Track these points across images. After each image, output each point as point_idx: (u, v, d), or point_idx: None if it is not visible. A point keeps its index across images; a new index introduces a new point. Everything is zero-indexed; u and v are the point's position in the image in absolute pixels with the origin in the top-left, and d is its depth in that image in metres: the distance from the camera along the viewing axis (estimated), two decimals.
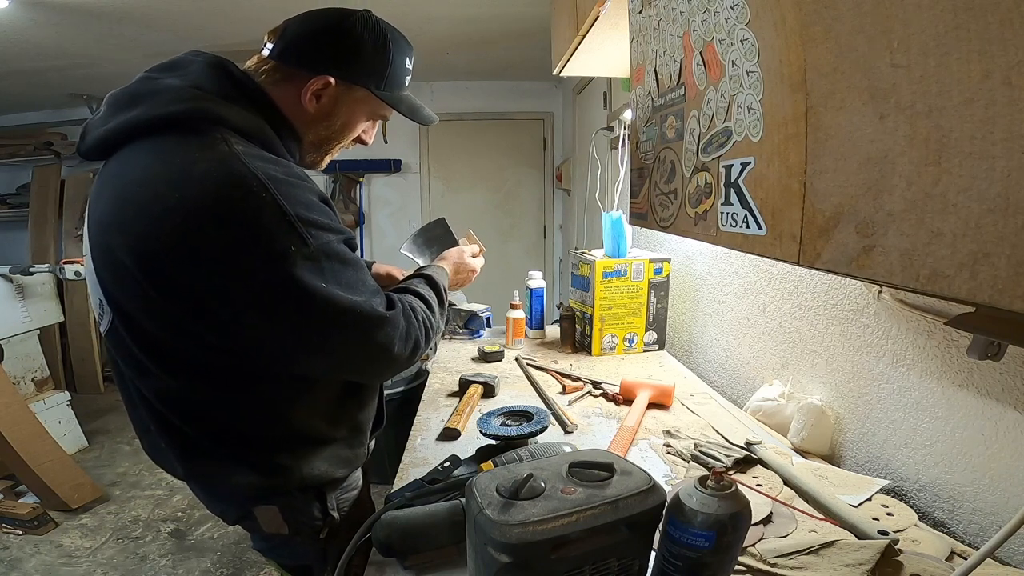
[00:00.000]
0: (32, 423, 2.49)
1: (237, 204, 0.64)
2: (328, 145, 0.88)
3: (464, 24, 2.77)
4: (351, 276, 0.73)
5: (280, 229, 0.65)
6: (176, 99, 0.70)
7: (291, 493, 0.83)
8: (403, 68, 0.86)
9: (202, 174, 0.65)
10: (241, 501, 0.84)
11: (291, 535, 0.85)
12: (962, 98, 0.36)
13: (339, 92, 0.81)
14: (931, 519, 0.83)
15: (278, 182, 0.67)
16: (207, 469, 0.80)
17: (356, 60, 0.80)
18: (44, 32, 2.54)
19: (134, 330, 0.72)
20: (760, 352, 1.32)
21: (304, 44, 0.79)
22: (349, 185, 4.23)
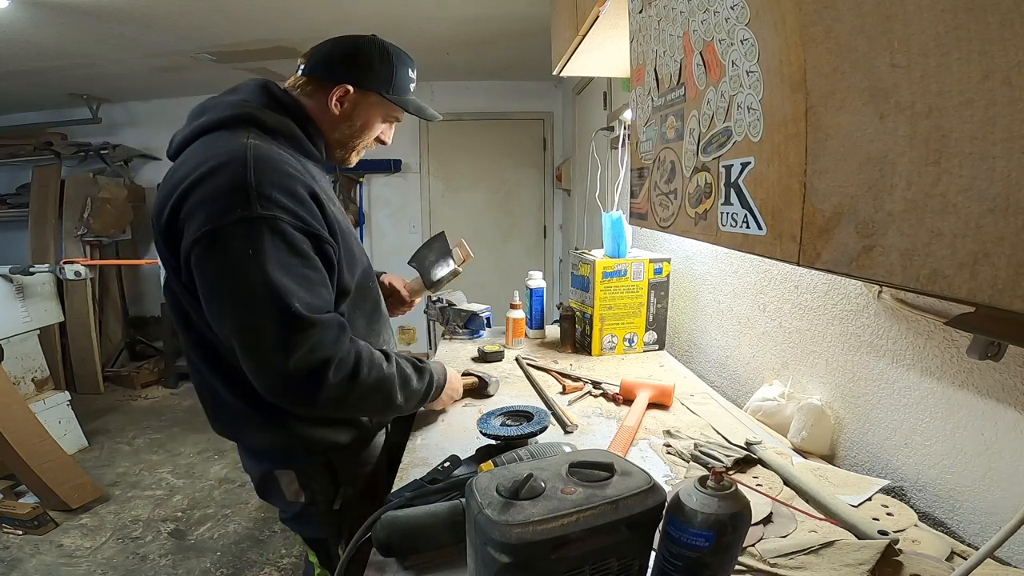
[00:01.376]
0: (32, 423, 2.49)
1: (218, 171, 0.80)
2: (352, 143, 1.05)
3: (464, 24, 2.77)
4: (291, 262, 0.80)
5: (235, 193, 0.79)
6: (228, 108, 0.92)
7: (304, 458, 0.96)
8: (406, 76, 1.04)
9: (214, 153, 0.83)
10: (265, 460, 0.98)
11: (308, 503, 0.97)
12: (962, 98, 0.36)
13: (356, 97, 1.00)
14: (931, 519, 0.83)
15: (263, 163, 0.81)
16: (230, 421, 0.96)
17: (367, 71, 0.99)
18: (44, 32, 2.54)
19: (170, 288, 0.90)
20: (760, 352, 1.32)
21: (326, 61, 1.00)
22: (349, 185, 4.23)
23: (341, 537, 0.99)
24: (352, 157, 1.08)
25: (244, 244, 0.77)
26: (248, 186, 0.78)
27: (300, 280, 0.81)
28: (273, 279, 0.78)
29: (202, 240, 0.78)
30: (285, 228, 0.80)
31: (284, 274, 0.79)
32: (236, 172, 0.79)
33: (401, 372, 0.95)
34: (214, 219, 0.78)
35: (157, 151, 4.26)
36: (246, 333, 0.80)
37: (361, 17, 2.59)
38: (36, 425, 2.50)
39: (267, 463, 0.98)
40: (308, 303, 0.81)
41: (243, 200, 0.78)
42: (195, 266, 0.81)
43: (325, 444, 0.95)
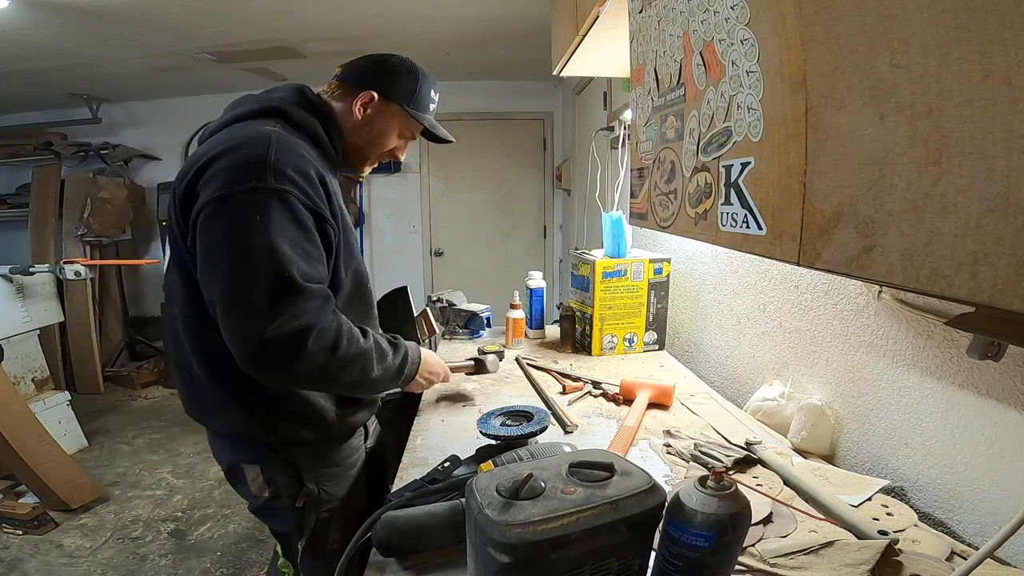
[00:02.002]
0: (32, 423, 2.49)
1: (241, 147, 0.86)
2: (367, 150, 1.09)
3: (464, 24, 2.77)
4: (294, 234, 0.83)
5: (254, 166, 0.83)
6: (260, 102, 0.98)
7: (268, 453, 0.98)
8: (428, 96, 1.10)
9: (240, 135, 0.89)
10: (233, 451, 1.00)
11: (271, 498, 0.99)
12: (962, 98, 0.36)
13: (379, 105, 1.05)
14: (931, 519, 0.83)
15: (284, 143, 0.87)
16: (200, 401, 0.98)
17: (393, 82, 1.06)
18: (44, 32, 2.54)
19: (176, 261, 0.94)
20: (760, 352, 1.32)
21: (358, 70, 1.07)
22: (349, 185, 4.23)
23: (303, 534, 1.01)
24: (366, 167, 1.13)
25: (252, 210, 0.81)
26: (267, 161, 0.83)
27: (300, 252, 0.83)
28: (275, 245, 0.80)
29: (213, 202, 0.82)
30: (294, 202, 0.84)
31: (286, 243, 0.82)
32: (258, 148, 0.85)
33: (378, 346, 0.95)
34: (228, 186, 0.82)
35: (157, 151, 4.27)
36: (235, 292, 0.81)
37: (361, 17, 2.59)
38: (36, 425, 2.50)
39: (235, 456, 1.00)
40: (304, 272, 0.83)
41: (260, 172, 0.82)
42: (200, 227, 0.84)
43: (289, 438, 0.97)
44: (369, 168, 1.14)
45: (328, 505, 1.02)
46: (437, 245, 4.46)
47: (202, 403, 0.99)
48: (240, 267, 0.81)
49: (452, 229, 4.46)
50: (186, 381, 0.98)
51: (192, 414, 1.02)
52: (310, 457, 1.00)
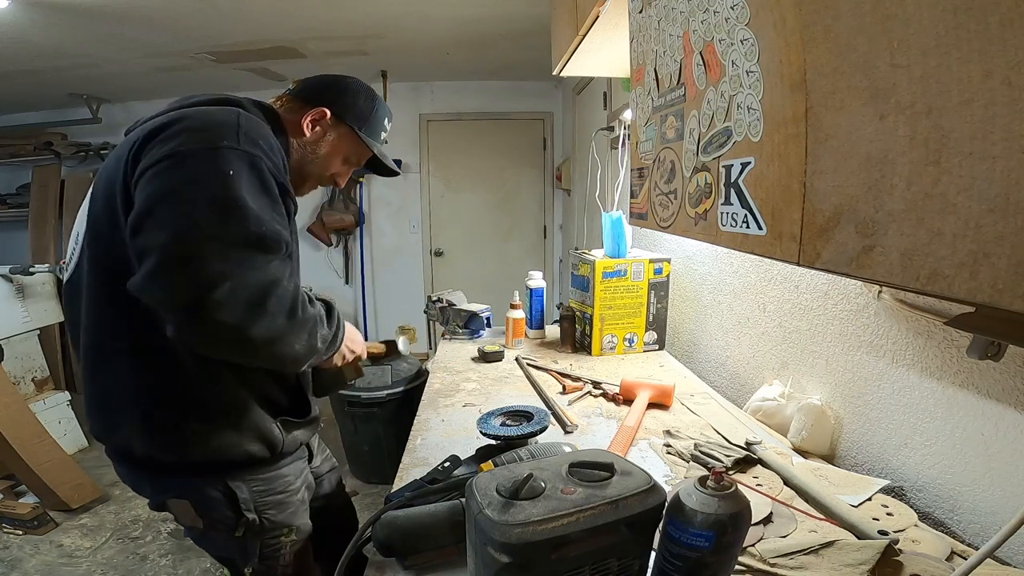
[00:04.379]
0: (32, 423, 2.49)
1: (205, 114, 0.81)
2: (308, 169, 1.03)
3: (464, 24, 2.77)
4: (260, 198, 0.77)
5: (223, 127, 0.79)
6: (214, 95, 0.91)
7: (196, 485, 0.88)
8: (381, 123, 1.07)
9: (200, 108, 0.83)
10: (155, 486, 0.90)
11: (207, 528, 0.91)
12: (962, 98, 0.36)
13: (329, 124, 1.01)
14: (931, 519, 0.83)
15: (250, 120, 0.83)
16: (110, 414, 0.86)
17: (348, 102, 1.02)
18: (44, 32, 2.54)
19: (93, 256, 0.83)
20: (760, 352, 1.32)
21: (313, 86, 1.04)
22: (349, 185, 4.23)
23: (248, 560, 0.93)
24: (305, 187, 1.05)
25: (224, 165, 0.74)
26: (238, 126, 0.79)
27: (269, 215, 0.77)
28: (247, 202, 0.74)
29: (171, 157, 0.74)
30: (264, 168, 0.79)
31: (255, 204, 0.75)
32: (228, 114, 0.81)
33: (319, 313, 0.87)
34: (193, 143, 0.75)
35: None
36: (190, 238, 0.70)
37: (361, 17, 2.59)
38: (36, 425, 2.50)
39: (161, 493, 0.90)
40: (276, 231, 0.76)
41: (231, 134, 0.78)
42: (147, 181, 0.73)
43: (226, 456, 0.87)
44: (307, 190, 1.06)
45: (274, 532, 0.94)
46: (437, 245, 4.46)
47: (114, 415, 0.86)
48: (203, 215, 0.71)
49: (452, 229, 4.46)
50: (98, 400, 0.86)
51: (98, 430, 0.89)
52: (249, 484, 0.90)
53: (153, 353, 0.82)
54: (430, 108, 4.25)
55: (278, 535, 0.95)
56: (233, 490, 0.89)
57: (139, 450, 0.86)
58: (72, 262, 0.89)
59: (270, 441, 0.91)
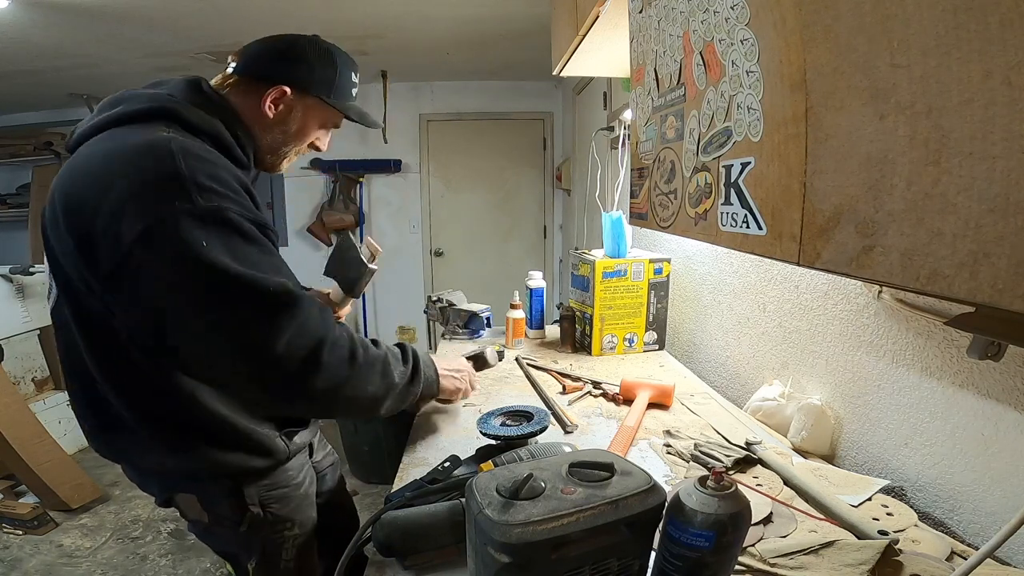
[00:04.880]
0: (32, 423, 2.49)
1: (142, 165, 0.72)
2: (284, 148, 0.97)
3: (464, 24, 2.77)
4: (249, 251, 0.73)
5: (171, 186, 0.70)
6: (146, 101, 0.82)
7: (205, 481, 0.88)
8: (349, 81, 0.98)
9: (131, 147, 0.75)
10: (162, 484, 0.91)
11: (212, 523, 0.91)
12: (962, 98, 0.36)
13: (294, 100, 0.93)
14: (931, 519, 0.83)
15: (189, 155, 0.73)
16: (125, 446, 0.87)
17: (307, 73, 0.92)
18: (44, 32, 2.54)
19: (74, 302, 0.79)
20: (760, 352, 1.32)
21: (263, 61, 0.92)
22: (349, 185, 4.23)
23: (252, 555, 0.93)
24: (282, 164, 1.00)
25: (194, 238, 0.69)
26: (182, 176, 0.70)
27: (263, 266, 0.74)
28: (238, 270, 0.70)
29: (142, 240, 0.69)
30: (232, 217, 0.73)
31: (243, 263, 0.71)
32: (163, 161, 0.71)
33: (390, 352, 0.88)
34: (151, 215, 0.69)
35: None
36: (224, 333, 0.71)
37: (361, 17, 2.59)
38: (36, 425, 2.50)
39: (168, 489, 0.90)
40: (279, 283, 0.73)
41: (180, 192, 0.70)
42: (135, 271, 0.70)
43: (235, 469, 0.87)
44: (287, 164, 1.01)
45: (277, 526, 0.94)
46: (437, 245, 4.46)
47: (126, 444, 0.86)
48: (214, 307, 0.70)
49: (452, 229, 4.46)
50: (103, 423, 0.85)
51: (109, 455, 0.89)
52: (254, 482, 0.91)
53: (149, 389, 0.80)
54: (430, 108, 4.25)
55: (281, 529, 0.95)
56: (240, 487, 0.89)
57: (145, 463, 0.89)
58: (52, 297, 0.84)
59: (274, 453, 0.91)
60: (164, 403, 0.81)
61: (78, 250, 0.73)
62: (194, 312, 0.72)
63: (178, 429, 0.83)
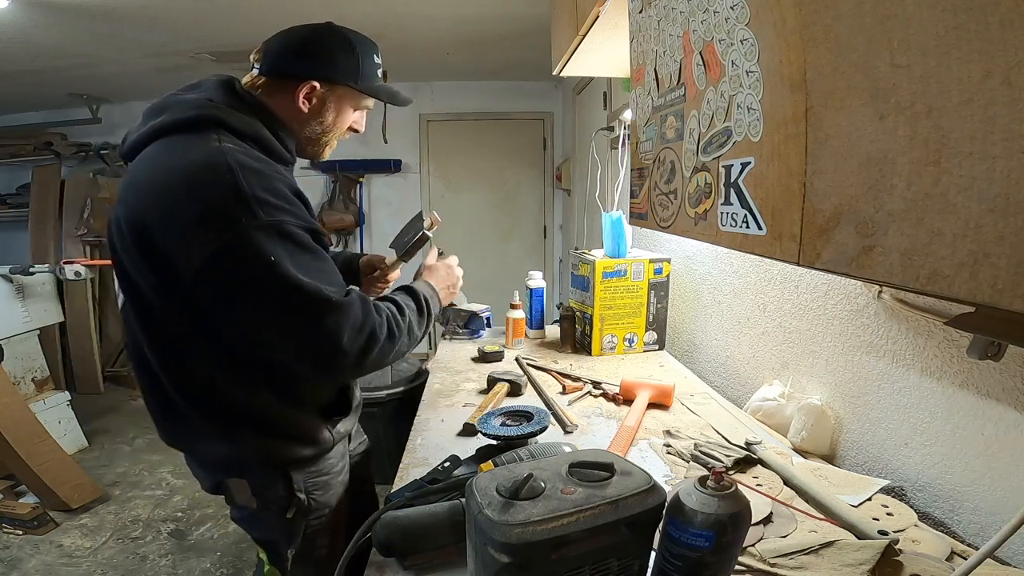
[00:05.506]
0: (32, 423, 2.49)
1: (204, 180, 0.78)
2: (324, 137, 1.01)
3: (464, 24, 2.77)
4: (305, 260, 0.80)
5: (235, 202, 0.76)
6: (191, 108, 0.86)
7: (257, 469, 0.93)
8: (372, 63, 1.00)
9: (189, 161, 0.80)
10: (215, 469, 0.96)
11: (259, 509, 0.95)
12: (962, 98, 0.36)
13: (325, 92, 0.96)
14: (931, 519, 0.83)
15: (246, 169, 0.79)
16: (187, 435, 0.94)
17: (331, 64, 0.95)
18: (44, 32, 2.54)
19: (136, 302, 0.86)
20: (760, 352, 1.32)
21: (286, 59, 0.94)
22: (349, 185, 4.23)
23: (292, 543, 0.97)
24: (325, 152, 1.05)
25: (263, 253, 0.76)
26: (245, 194, 0.77)
27: (319, 275, 0.81)
28: (301, 279, 0.78)
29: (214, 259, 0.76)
30: (292, 230, 0.80)
31: (305, 273, 0.79)
32: (226, 180, 0.77)
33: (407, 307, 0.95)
34: (221, 236, 0.75)
35: None
36: (296, 338, 0.81)
37: (360, 16, 2.59)
38: (36, 425, 2.50)
39: (220, 473, 0.96)
40: (335, 291, 0.82)
41: (246, 210, 0.76)
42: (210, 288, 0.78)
43: (284, 458, 0.93)
44: (329, 151, 1.06)
45: (316, 513, 0.98)
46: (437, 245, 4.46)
47: (186, 432, 0.94)
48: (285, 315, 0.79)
49: (452, 229, 4.44)
50: (165, 410, 0.92)
51: (174, 443, 0.97)
52: (303, 469, 0.96)
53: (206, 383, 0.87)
54: (430, 108, 4.25)
55: (320, 516, 0.99)
56: (288, 473, 0.94)
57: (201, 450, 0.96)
58: (120, 299, 0.92)
59: (321, 442, 0.96)
60: (219, 396, 0.87)
61: (148, 266, 0.81)
62: (268, 320, 0.80)
63: (231, 419, 0.89)
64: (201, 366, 0.86)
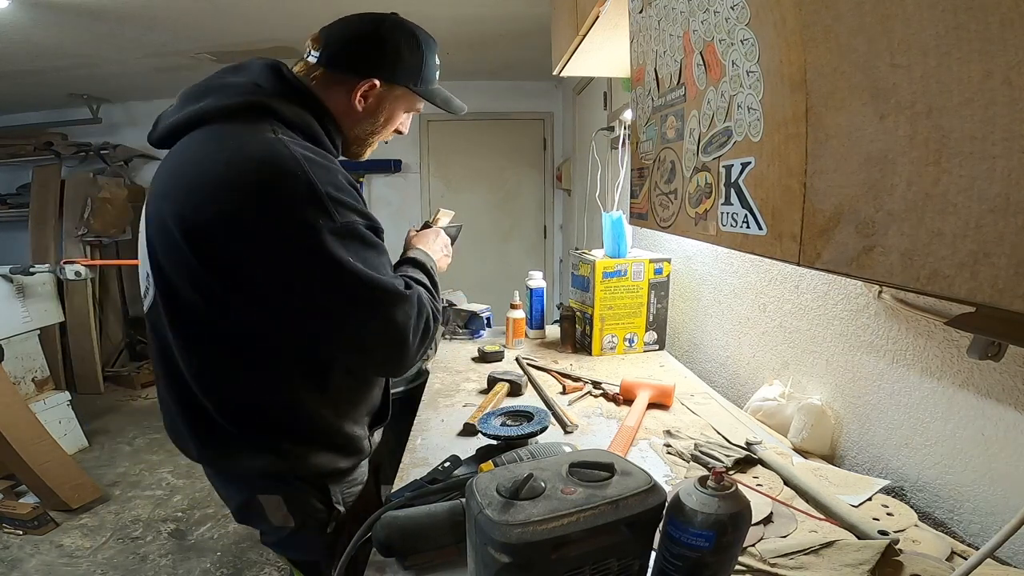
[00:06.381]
0: (32, 423, 2.49)
1: (276, 179, 0.73)
2: (372, 138, 0.98)
3: (464, 24, 2.77)
4: (373, 259, 0.79)
5: (311, 203, 0.73)
6: (238, 93, 0.81)
7: (294, 482, 0.87)
8: (433, 65, 0.96)
9: (250, 154, 0.74)
10: (247, 485, 0.88)
11: (297, 528, 0.88)
12: (962, 98, 0.36)
13: (383, 92, 0.91)
14: (931, 519, 0.83)
15: (313, 163, 0.75)
16: (220, 448, 0.85)
17: (397, 63, 0.90)
18: (44, 32, 2.54)
19: (172, 301, 0.80)
20: (760, 352, 1.32)
21: (350, 52, 0.88)
22: None
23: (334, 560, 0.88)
24: (366, 152, 1.01)
25: (340, 255, 0.74)
26: (320, 193, 0.73)
27: (384, 269, 0.81)
28: (373, 277, 0.77)
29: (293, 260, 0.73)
30: (362, 231, 0.78)
31: (375, 270, 0.78)
32: (298, 178, 0.73)
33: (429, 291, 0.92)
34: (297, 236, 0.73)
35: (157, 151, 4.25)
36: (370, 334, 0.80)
37: None
38: (36, 425, 2.50)
39: (253, 489, 0.88)
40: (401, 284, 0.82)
41: (321, 210, 0.73)
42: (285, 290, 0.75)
43: (325, 469, 0.88)
44: (371, 151, 1.02)
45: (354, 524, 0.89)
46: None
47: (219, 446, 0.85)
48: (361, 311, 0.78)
49: None
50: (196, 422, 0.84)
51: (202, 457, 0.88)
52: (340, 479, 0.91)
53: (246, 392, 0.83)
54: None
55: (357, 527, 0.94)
56: (326, 486, 0.90)
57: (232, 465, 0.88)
58: (148, 298, 0.86)
59: (361, 452, 0.94)
60: (264, 406, 0.83)
61: (203, 265, 0.75)
62: (342, 319, 0.78)
63: (271, 430, 0.84)
64: (247, 375, 0.81)
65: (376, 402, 0.98)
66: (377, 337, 0.80)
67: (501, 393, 1.32)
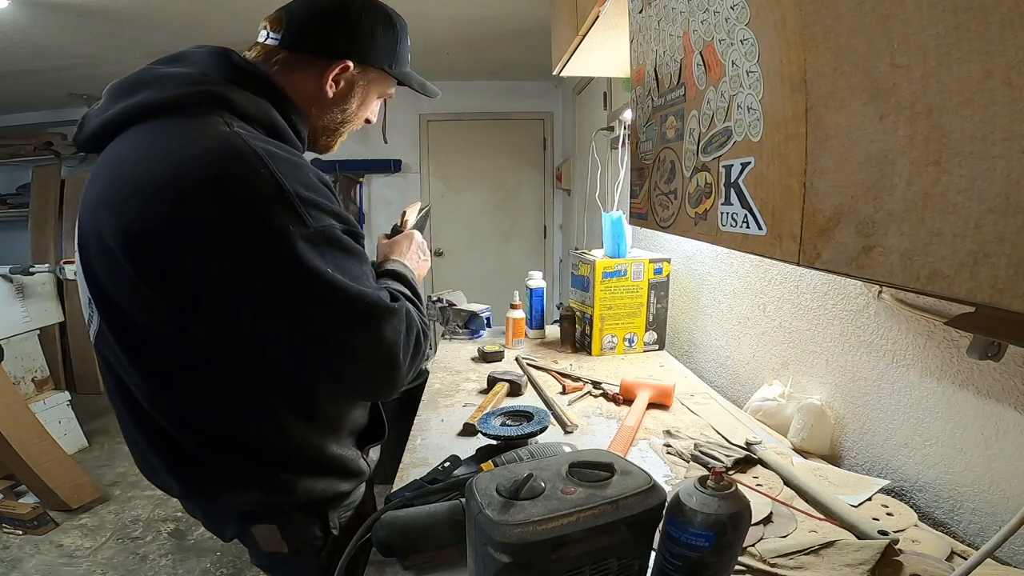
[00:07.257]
0: (32, 423, 2.49)
1: (234, 178, 0.61)
2: (342, 128, 0.88)
3: (464, 24, 2.77)
4: (354, 267, 0.69)
5: (278, 205, 0.62)
6: (181, 84, 0.69)
7: (291, 512, 0.80)
8: (407, 46, 0.89)
9: (201, 151, 0.63)
10: (239, 519, 0.81)
11: (291, 553, 0.82)
12: (962, 98, 0.36)
13: (356, 75, 0.82)
14: (931, 519, 0.83)
15: (278, 159, 0.64)
16: (204, 485, 0.76)
17: (371, 43, 0.81)
18: (44, 32, 2.54)
19: (122, 328, 0.69)
20: (760, 352, 1.32)
21: (318, 32, 0.78)
22: (349, 185, 4.23)
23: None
24: (335, 144, 0.90)
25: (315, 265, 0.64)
26: (288, 194, 0.62)
27: (366, 280, 0.71)
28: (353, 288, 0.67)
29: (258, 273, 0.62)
30: (339, 236, 0.68)
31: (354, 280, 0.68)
32: (259, 175, 0.62)
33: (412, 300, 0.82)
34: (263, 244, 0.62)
35: None
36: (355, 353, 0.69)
37: None
38: (36, 425, 2.50)
39: (246, 521, 0.80)
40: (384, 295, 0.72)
41: (291, 213, 0.62)
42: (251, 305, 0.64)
43: (323, 495, 0.81)
44: (339, 144, 0.91)
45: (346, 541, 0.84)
46: (437, 245, 4.46)
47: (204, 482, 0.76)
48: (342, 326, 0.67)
49: (452, 229, 4.46)
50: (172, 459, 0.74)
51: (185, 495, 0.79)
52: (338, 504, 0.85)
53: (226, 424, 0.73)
54: (430, 108, 4.25)
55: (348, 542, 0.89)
56: (325, 512, 0.83)
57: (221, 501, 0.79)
58: (93, 326, 0.74)
59: (360, 474, 0.87)
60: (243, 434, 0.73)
61: (152, 284, 0.63)
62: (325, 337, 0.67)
63: (261, 462, 0.75)
64: (221, 400, 0.71)
65: (362, 419, 0.90)
66: (363, 358, 0.70)
67: (501, 393, 1.32)
